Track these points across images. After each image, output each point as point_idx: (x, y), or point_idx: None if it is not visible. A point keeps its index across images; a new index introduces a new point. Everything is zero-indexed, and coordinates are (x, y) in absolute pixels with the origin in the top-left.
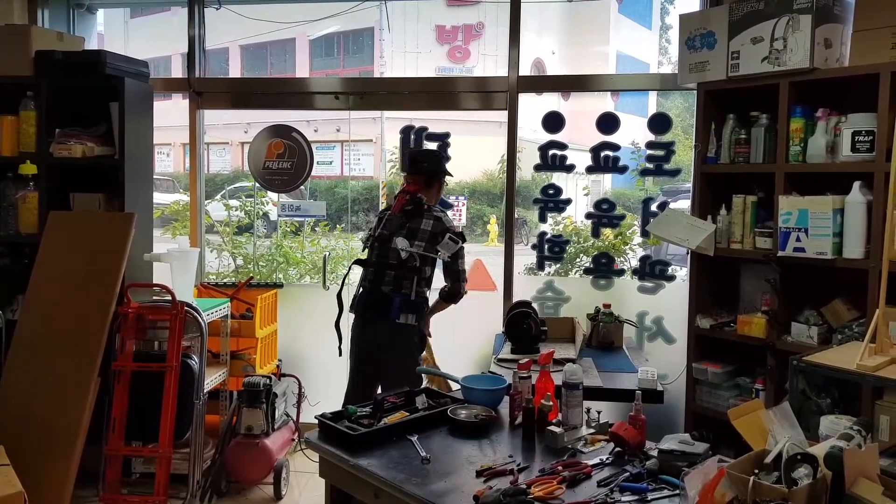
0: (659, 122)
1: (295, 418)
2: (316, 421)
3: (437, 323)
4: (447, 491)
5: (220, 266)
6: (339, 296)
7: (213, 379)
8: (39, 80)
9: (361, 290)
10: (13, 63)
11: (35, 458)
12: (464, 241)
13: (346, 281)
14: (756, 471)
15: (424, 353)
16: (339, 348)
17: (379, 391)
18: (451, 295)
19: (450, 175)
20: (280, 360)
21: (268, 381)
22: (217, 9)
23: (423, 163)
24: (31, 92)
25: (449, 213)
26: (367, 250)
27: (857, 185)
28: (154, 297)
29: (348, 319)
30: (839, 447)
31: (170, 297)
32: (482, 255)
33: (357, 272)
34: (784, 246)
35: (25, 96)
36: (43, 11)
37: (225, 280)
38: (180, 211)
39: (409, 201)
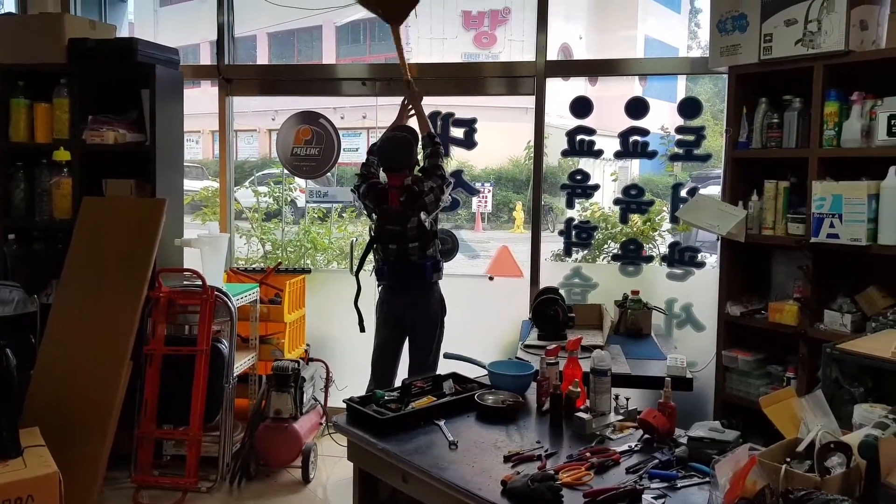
0: (689, 107)
1: (323, 402)
2: (343, 405)
3: (464, 309)
4: (475, 475)
5: (249, 251)
6: (357, 276)
7: (242, 363)
8: (72, 67)
9: (385, 263)
10: (47, 51)
11: (69, 440)
12: (444, 180)
13: (363, 262)
14: (788, 459)
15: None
16: (362, 324)
17: (406, 348)
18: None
19: (417, 142)
20: (308, 345)
21: (296, 365)
22: None
23: (402, 163)
24: (64, 79)
25: (474, 199)
26: (375, 230)
27: (892, 170)
28: (185, 282)
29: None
30: (874, 436)
31: (200, 282)
32: (508, 241)
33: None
34: (817, 232)
35: (59, 84)
36: (75, 0)
37: (254, 265)
38: (210, 197)
39: (401, 192)
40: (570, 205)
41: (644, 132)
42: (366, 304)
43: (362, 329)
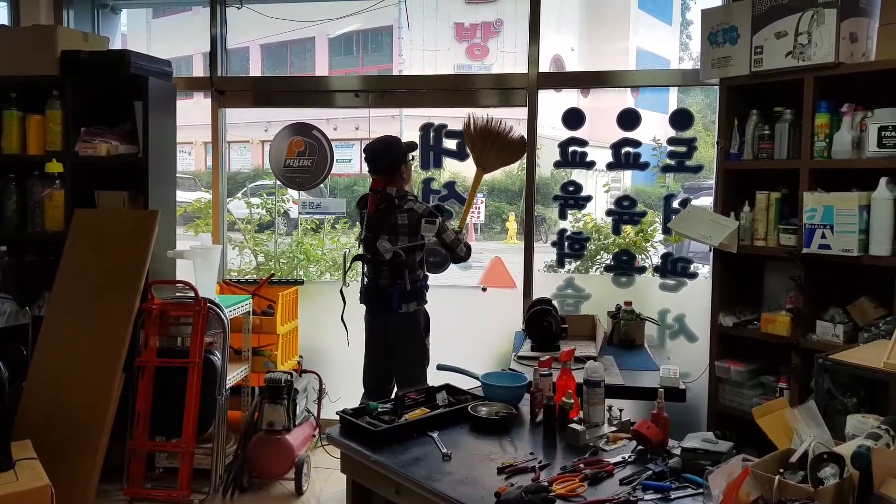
0: (681, 118)
1: (316, 414)
2: (337, 417)
3: (456, 320)
4: (468, 487)
5: (242, 263)
6: (341, 292)
7: (235, 375)
8: (65, 79)
9: (365, 281)
10: (40, 63)
11: (61, 453)
12: (441, 212)
13: (348, 277)
14: (781, 470)
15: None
16: (347, 339)
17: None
18: (457, 262)
19: (413, 151)
20: (301, 357)
21: (289, 377)
22: (238, 8)
23: (382, 162)
24: (56, 91)
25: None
26: (361, 246)
27: (883, 181)
28: (177, 294)
29: (357, 311)
30: (867, 446)
31: (193, 294)
32: (501, 252)
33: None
34: (809, 243)
35: (52, 96)
36: (68, 12)
37: (247, 277)
38: (202, 209)
39: (380, 199)
40: (562, 216)
41: (636, 143)
42: (352, 319)
43: (349, 343)
